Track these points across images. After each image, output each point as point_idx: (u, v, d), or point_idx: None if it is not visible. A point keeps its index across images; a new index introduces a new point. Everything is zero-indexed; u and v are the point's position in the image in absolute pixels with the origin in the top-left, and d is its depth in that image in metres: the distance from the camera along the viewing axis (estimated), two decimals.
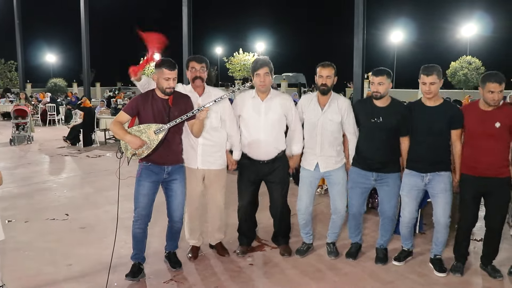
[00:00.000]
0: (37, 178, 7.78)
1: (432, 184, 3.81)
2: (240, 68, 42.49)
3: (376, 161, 3.93)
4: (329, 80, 3.97)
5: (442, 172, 3.79)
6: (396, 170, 3.97)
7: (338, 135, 4.06)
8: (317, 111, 4.03)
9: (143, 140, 3.51)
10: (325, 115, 4.00)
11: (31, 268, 3.98)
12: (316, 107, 4.05)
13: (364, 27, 10.25)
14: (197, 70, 3.93)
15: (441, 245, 3.96)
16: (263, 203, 4.46)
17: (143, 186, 3.65)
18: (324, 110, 4.01)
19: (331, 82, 3.98)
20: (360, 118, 4.02)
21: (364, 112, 3.99)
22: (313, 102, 4.08)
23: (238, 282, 3.74)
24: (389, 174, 3.95)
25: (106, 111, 13.15)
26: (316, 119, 4.02)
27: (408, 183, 3.90)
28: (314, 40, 66.40)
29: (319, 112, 4.02)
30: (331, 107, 4.00)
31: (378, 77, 3.83)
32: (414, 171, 3.86)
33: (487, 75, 3.60)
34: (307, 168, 4.13)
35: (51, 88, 38.20)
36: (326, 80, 3.97)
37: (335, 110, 4.00)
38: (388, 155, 3.94)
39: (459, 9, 51.90)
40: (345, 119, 4.01)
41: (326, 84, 3.97)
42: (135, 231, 3.74)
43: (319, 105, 4.04)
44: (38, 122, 17.27)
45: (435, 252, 3.99)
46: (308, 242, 4.37)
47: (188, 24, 15.44)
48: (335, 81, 4.05)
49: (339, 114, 3.99)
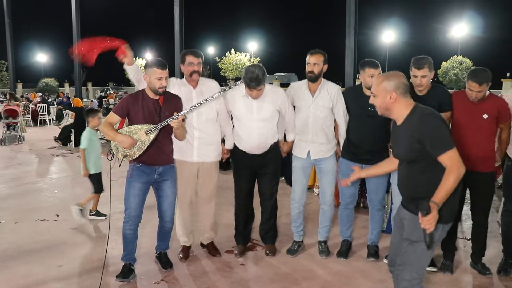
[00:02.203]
0: (28, 178, 7.73)
1: None
2: (232, 68, 42.49)
3: (365, 150, 3.96)
4: (317, 68, 3.99)
5: None
6: None
7: (329, 121, 4.11)
8: (308, 98, 4.07)
9: (134, 139, 3.50)
10: (316, 101, 4.05)
11: (21, 269, 3.95)
12: (307, 94, 4.09)
13: (355, 27, 10.29)
14: (194, 64, 3.92)
15: None
16: (255, 202, 4.46)
17: (133, 187, 3.64)
18: (315, 96, 4.05)
19: (318, 69, 4.00)
20: (351, 106, 4.06)
21: (355, 101, 4.02)
22: (304, 90, 4.11)
23: (229, 282, 3.74)
24: None
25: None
26: (307, 106, 4.06)
27: None
28: (306, 40, 66.46)
29: (310, 99, 4.06)
30: (322, 94, 4.05)
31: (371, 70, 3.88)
32: None
33: (472, 71, 3.68)
34: (299, 156, 4.17)
35: (42, 88, 37.98)
36: (314, 67, 3.99)
37: (325, 97, 4.04)
38: (377, 144, 3.96)
39: (450, 10, 52.31)
40: (335, 105, 4.06)
41: (313, 71, 3.99)
42: (125, 232, 3.72)
43: (309, 92, 4.08)
44: (29, 122, 17.14)
45: None
46: (299, 239, 4.38)
47: (180, 24, 15.41)
48: (325, 69, 4.07)
49: (330, 100, 4.04)
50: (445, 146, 2.45)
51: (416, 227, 2.49)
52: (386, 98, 2.59)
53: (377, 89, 2.63)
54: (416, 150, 2.51)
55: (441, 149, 2.44)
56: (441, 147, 2.45)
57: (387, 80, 2.59)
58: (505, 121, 3.74)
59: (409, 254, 2.58)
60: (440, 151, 2.45)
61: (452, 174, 2.42)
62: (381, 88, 2.61)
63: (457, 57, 38.48)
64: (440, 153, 2.45)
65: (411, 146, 2.53)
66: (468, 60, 37.35)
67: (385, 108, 2.64)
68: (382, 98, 2.61)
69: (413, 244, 2.56)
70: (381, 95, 2.61)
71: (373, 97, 2.67)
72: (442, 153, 2.44)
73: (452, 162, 2.43)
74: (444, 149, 2.44)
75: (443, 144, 2.45)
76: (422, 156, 2.51)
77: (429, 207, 2.38)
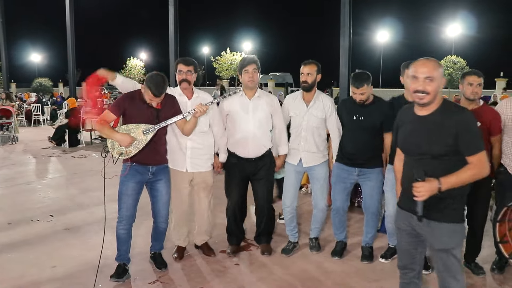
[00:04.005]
0: (22, 179, 7.68)
1: None
2: (227, 68, 42.40)
3: (359, 158, 3.99)
4: (310, 78, 4.05)
5: None
6: (378, 165, 4.04)
7: (322, 132, 4.17)
8: (302, 108, 4.12)
9: (132, 137, 3.49)
10: (310, 111, 4.10)
11: (15, 270, 3.93)
12: (301, 104, 4.14)
13: (350, 26, 10.32)
14: (183, 72, 3.91)
15: None
16: (248, 203, 4.46)
17: (127, 187, 3.62)
18: (309, 106, 4.10)
19: (312, 79, 4.05)
20: (343, 116, 4.09)
21: (347, 111, 4.05)
22: (298, 100, 4.18)
23: (224, 282, 3.74)
24: (372, 169, 4.01)
25: None
26: (301, 115, 4.11)
27: (391, 178, 3.94)
28: (301, 40, 66.62)
29: (304, 109, 4.11)
30: (316, 104, 4.10)
31: (359, 89, 3.83)
32: None
33: (466, 71, 3.79)
34: (291, 162, 4.22)
35: (36, 88, 37.69)
36: (307, 77, 4.05)
37: (319, 107, 4.10)
38: (371, 152, 3.99)
39: (444, 10, 52.58)
40: (328, 117, 4.10)
41: (307, 81, 4.06)
42: (119, 232, 3.71)
43: (304, 102, 4.14)
44: (23, 122, 17.05)
45: None
46: (294, 240, 4.40)
47: (174, 24, 15.37)
48: (319, 79, 4.13)
49: (323, 111, 4.09)
50: (479, 146, 2.37)
51: (450, 234, 2.43)
52: (441, 84, 2.44)
53: (435, 73, 2.41)
54: (447, 145, 2.38)
55: (475, 149, 2.36)
56: (476, 147, 2.36)
57: (440, 65, 2.45)
58: (496, 134, 3.75)
59: (452, 262, 2.48)
60: (473, 151, 2.36)
61: (474, 170, 2.35)
62: (439, 72, 2.43)
63: (451, 57, 38.58)
64: (473, 152, 2.36)
65: (445, 140, 2.39)
66: (462, 60, 37.46)
67: (435, 96, 2.43)
68: (438, 82, 2.42)
69: (452, 251, 2.47)
70: (438, 80, 2.42)
71: (430, 81, 2.39)
72: (475, 153, 2.36)
73: (480, 164, 2.36)
74: (478, 149, 2.36)
75: (477, 144, 2.37)
76: (451, 152, 2.39)
77: (424, 175, 2.32)
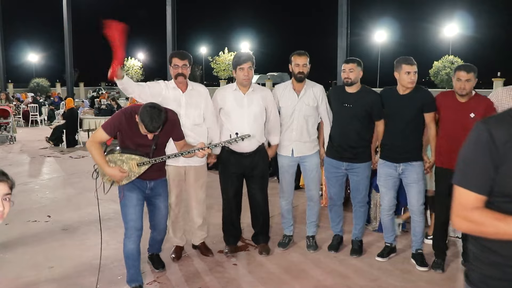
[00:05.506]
0: (19, 179, 7.64)
1: (406, 174, 3.93)
2: (225, 68, 42.44)
3: (347, 146, 4.05)
4: (305, 68, 4.12)
5: (414, 163, 3.89)
6: (366, 159, 4.12)
7: (313, 120, 4.22)
8: (293, 98, 4.16)
9: (125, 172, 3.28)
10: (302, 100, 4.14)
11: (12, 271, 3.92)
12: (292, 94, 4.18)
13: (347, 26, 10.34)
14: (179, 66, 3.88)
15: (419, 235, 4.04)
16: (244, 203, 4.46)
17: (130, 198, 3.40)
18: (300, 96, 4.14)
19: (307, 69, 4.14)
20: (332, 104, 4.19)
21: (336, 98, 4.16)
22: (288, 90, 4.20)
23: (222, 282, 3.73)
24: (359, 164, 4.10)
25: (90, 111, 12.98)
26: (292, 105, 4.15)
27: (384, 173, 4.02)
28: (298, 40, 66.64)
29: (296, 99, 4.15)
30: (307, 93, 4.16)
31: (349, 64, 3.99)
32: (388, 161, 3.97)
33: (458, 65, 3.82)
34: (284, 154, 4.27)
35: (34, 88, 37.60)
36: (303, 68, 4.10)
37: (310, 96, 4.15)
38: (359, 140, 4.06)
39: (442, 10, 52.64)
40: (320, 104, 4.17)
41: (303, 72, 4.11)
42: (128, 248, 3.40)
43: (294, 92, 4.17)
44: (20, 122, 17.01)
45: (416, 246, 4.05)
46: (289, 234, 4.48)
47: (172, 24, 15.38)
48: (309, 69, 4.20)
49: (315, 99, 4.15)
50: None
51: None
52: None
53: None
54: None
55: None
56: None
57: None
58: None
59: None
60: None
61: None
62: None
63: (449, 56, 38.70)
64: None
65: None
66: (460, 60, 37.56)
67: None
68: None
69: None
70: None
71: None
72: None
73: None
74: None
75: None
76: None
77: None
